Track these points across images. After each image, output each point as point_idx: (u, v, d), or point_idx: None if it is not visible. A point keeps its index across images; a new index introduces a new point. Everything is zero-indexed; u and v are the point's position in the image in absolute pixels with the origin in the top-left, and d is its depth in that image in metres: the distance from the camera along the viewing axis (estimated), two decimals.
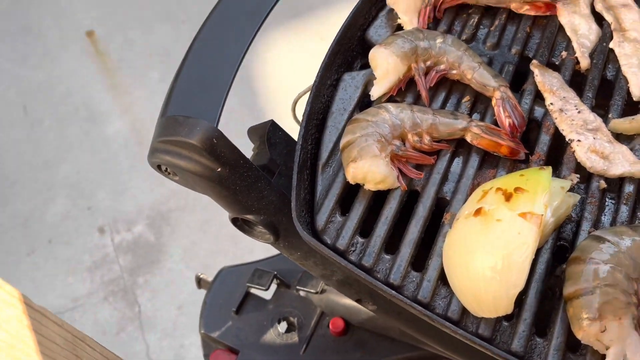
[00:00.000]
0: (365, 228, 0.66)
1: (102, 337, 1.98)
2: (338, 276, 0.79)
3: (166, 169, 0.69)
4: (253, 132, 0.79)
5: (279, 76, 2.39)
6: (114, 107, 2.39)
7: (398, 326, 0.86)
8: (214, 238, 2.16)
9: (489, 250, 0.56)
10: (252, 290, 1.04)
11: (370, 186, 0.66)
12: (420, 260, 0.64)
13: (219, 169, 0.66)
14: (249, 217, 0.72)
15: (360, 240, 0.65)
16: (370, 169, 0.65)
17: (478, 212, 0.58)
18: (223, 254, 2.11)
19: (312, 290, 0.99)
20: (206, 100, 0.69)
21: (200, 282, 1.07)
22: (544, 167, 0.62)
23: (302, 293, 1.03)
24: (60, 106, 2.41)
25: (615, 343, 0.54)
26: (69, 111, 2.39)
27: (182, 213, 2.20)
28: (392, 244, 0.65)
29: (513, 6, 0.78)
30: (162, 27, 2.59)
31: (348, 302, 0.96)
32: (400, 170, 0.68)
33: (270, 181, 0.71)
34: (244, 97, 2.31)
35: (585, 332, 0.55)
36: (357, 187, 0.68)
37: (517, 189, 0.58)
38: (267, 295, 1.05)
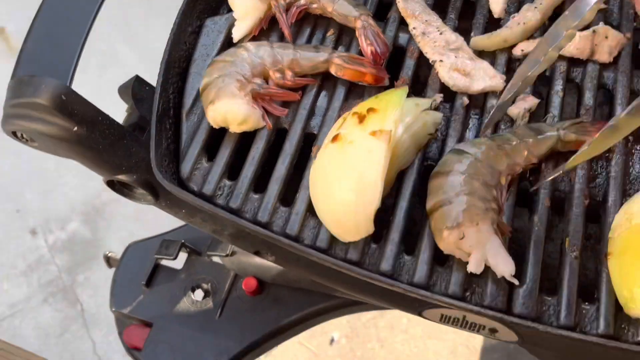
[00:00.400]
0: (235, 172, 0.65)
1: (46, 339, 1.92)
2: (229, 230, 0.77)
3: (22, 135, 0.66)
4: (124, 91, 0.76)
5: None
6: None
7: (301, 274, 0.86)
8: (152, 226, 2.10)
9: (345, 174, 0.55)
10: (163, 263, 1.02)
11: (234, 128, 0.64)
12: (291, 197, 0.63)
13: (75, 128, 0.63)
14: (122, 177, 0.70)
15: (228, 183, 0.64)
16: (229, 109, 0.63)
17: (335, 138, 0.57)
18: None
19: (222, 254, 0.98)
20: (55, 58, 0.66)
21: (109, 260, 1.03)
22: (400, 87, 0.61)
23: (214, 259, 1.01)
24: None
25: (475, 249, 0.54)
26: None
27: (116, 205, 2.14)
28: (263, 185, 0.64)
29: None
30: None
31: (257, 260, 0.95)
32: (265, 110, 0.66)
33: (137, 138, 0.69)
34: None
35: (445, 241, 0.55)
36: (225, 132, 0.66)
37: (369, 110, 0.57)
38: (179, 265, 1.03)
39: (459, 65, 0.67)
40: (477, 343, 1.68)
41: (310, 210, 0.61)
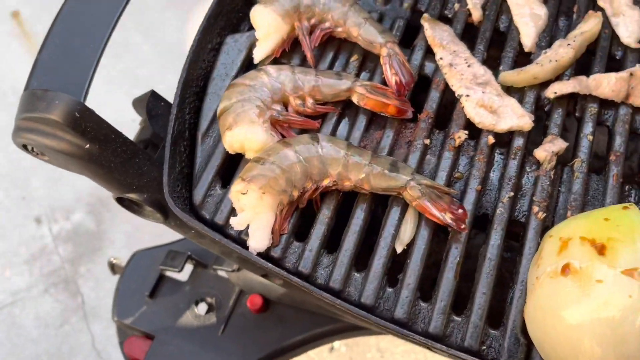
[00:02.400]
0: None
1: (45, 330, 1.92)
2: (237, 254, 0.76)
3: (32, 148, 0.64)
4: (138, 104, 0.74)
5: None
6: None
7: (308, 299, 0.84)
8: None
9: (591, 321, 0.46)
10: (168, 273, 1.00)
11: (250, 155, 0.62)
12: (305, 232, 0.61)
13: (87, 146, 0.61)
14: (132, 196, 0.68)
15: None
16: (247, 136, 0.61)
17: (566, 269, 0.48)
18: (168, 238, 2.04)
19: (228, 269, 0.96)
20: (70, 72, 0.64)
21: (113, 267, 1.02)
22: (628, 205, 0.52)
23: (219, 272, 0.99)
24: None
25: (247, 210, 0.56)
26: None
27: None
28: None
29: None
30: None
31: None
32: (283, 137, 0.64)
33: (150, 156, 0.67)
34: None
35: (232, 187, 0.57)
36: (240, 158, 0.64)
37: (610, 240, 0.48)
38: (184, 277, 1.01)
39: (486, 101, 0.65)
40: None
41: (325, 247, 0.59)
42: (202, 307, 0.98)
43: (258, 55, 0.68)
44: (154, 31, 2.24)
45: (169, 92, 0.70)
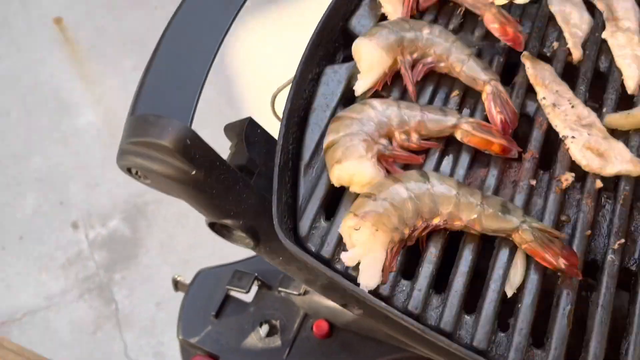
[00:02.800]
0: None
1: (79, 336, 1.92)
2: (322, 281, 0.75)
3: (137, 172, 0.64)
4: (230, 129, 0.74)
5: (258, 67, 2.32)
6: (86, 98, 2.30)
7: (386, 330, 0.83)
8: (192, 231, 2.10)
9: None
10: (232, 293, 1.00)
11: (356, 188, 0.62)
12: (411, 268, 0.61)
13: (194, 172, 0.61)
14: (228, 222, 0.68)
15: None
16: (356, 170, 0.61)
17: None
18: (202, 248, 2.05)
19: (294, 292, 0.95)
20: (178, 97, 0.64)
21: (177, 284, 1.02)
22: None
23: (284, 294, 0.99)
24: (28, 97, 2.31)
25: (359, 246, 0.56)
26: (38, 102, 2.29)
27: (158, 206, 2.13)
28: None
29: (486, 18, 0.73)
30: (134, 13, 2.49)
31: (332, 304, 0.93)
32: (387, 171, 0.64)
33: (249, 183, 0.67)
34: (221, 88, 2.24)
35: (343, 222, 0.57)
36: (343, 189, 0.64)
37: None
38: (248, 297, 1.01)
39: (592, 143, 0.64)
40: None
41: (433, 287, 0.59)
42: (266, 329, 0.97)
43: (360, 88, 0.68)
44: None
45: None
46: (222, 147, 0.69)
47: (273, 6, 2.42)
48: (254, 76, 2.30)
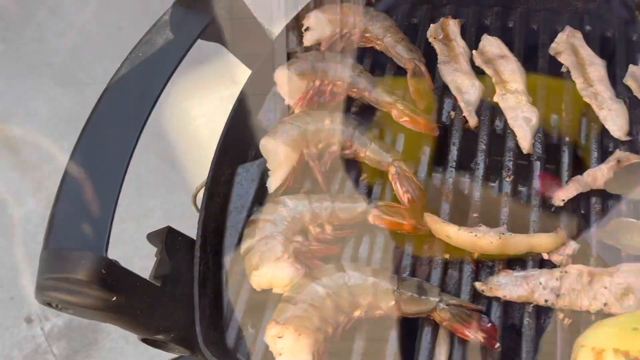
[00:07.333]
0: None
1: None
2: None
3: (57, 305, 0.64)
4: (153, 237, 0.74)
5: (196, 128, 2.32)
6: (23, 186, 2.25)
7: None
8: None
9: None
10: None
11: (278, 290, 0.63)
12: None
13: (114, 298, 0.61)
14: (159, 337, 0.68)
15: None
16: (274, 274, 0.62)
17: None
18: None
19: None
20: (90, 225, 0.65)
21: None
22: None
23: None
24: None
25: (285, 353, 0.56)
26: None
27: None
28: None
29: (394, 113, 0.76)
30: (65, 92, 2.47)
31: None
32: (307, 266, 0.65)
33: (173, 296, 0.67)
34: (162, 154, 2.24)
35: (267, 331, 0.57)
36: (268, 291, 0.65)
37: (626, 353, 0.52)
38: None
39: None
40: None
41: None
42: None
43: (272, 186, 0.70)
44: None
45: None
46: (175, 216, 0.68)
47: (204, 65, 2.43)
48: (193, 138, 2.30)
